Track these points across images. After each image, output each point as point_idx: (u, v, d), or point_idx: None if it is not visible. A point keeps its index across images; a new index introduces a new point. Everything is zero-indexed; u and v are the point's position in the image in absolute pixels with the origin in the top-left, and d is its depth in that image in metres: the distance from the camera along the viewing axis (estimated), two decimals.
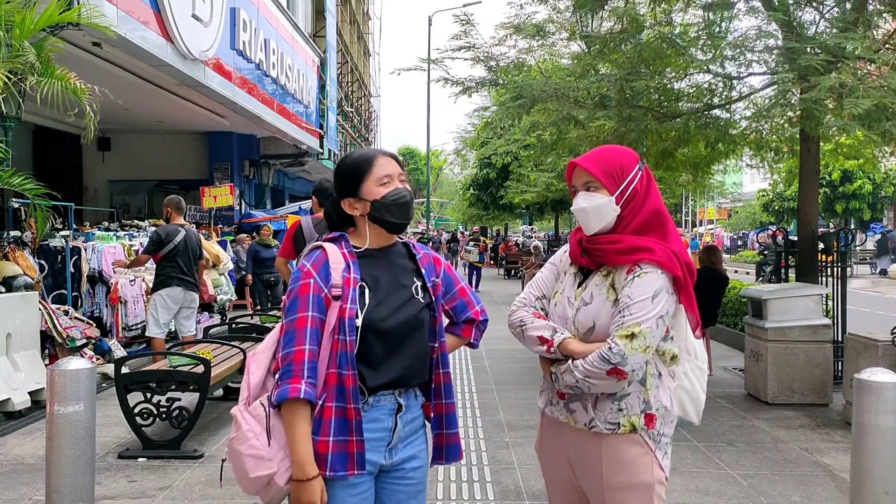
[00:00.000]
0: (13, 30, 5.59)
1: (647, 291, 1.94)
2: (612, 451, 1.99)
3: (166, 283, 6.86)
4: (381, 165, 2.01)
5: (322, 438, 1.88)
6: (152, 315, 6.97)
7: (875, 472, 3.18)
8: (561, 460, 2.14)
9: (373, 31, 36.23)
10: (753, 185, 41.96)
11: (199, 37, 8.90)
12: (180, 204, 7.20)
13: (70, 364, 3.19)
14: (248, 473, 1.88)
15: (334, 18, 19.57)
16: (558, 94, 7.31)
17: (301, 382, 1.84)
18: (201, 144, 14.47)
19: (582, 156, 2.12)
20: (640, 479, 1.99)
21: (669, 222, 2.07)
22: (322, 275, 1.92)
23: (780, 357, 6.30)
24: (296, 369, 1.85)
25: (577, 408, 2.05)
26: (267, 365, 1.99)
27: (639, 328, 1.91)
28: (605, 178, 2.03)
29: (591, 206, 2.04)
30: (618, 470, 1.99)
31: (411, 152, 66.99)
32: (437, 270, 2.14)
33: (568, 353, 2.01)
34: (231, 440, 1.92)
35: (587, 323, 2.02)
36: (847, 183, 30.92)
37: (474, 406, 6.30)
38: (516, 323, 2.15)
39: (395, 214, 2.00)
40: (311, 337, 1.88)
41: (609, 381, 1.93)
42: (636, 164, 2.07)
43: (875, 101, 5.25)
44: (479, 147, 25.15)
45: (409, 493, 2.04)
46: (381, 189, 1.99)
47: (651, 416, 2.01)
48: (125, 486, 4.33)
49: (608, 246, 2.02)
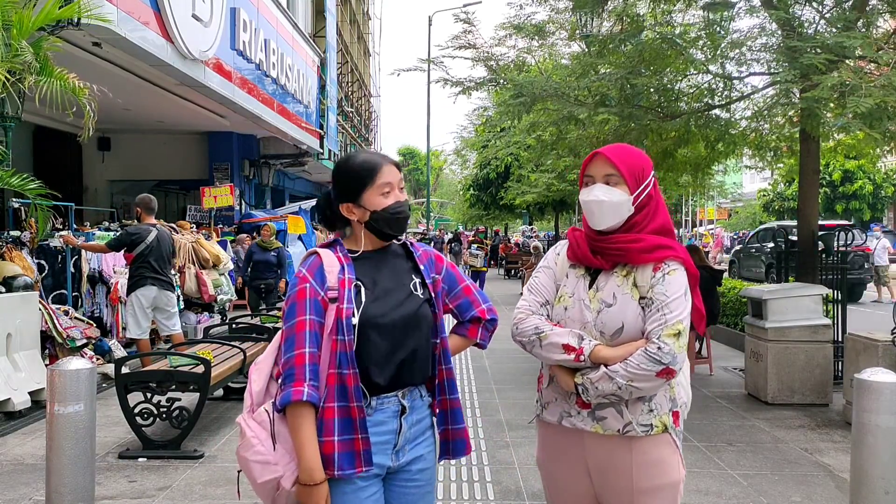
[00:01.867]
0: (11, 29, 5.58)
1: (680, 288, 1.94)
2: (643, 454, 1.97)
3: (141, 283, 6.83)
4: (385, 174, 2.00)
5: (327, 439, 1.87)
6: (131, 316, 6.91)
7: (875, 472, 3.17)
8: (578, 472, 2.07)
9: (373, 31, 36.23)
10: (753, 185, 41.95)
11: (199, 37, 8.90)
12: (150, 203, 7.09)
13: (70, 364, 3.19)
14: (256, 480, 1.89)
15: (334, 18, 19.57)
16: (558, 92, 7.32)
17: (303, 385, 1.85)
18: (201, 144, 14.46)
19: (605, 146, 2.08)
20: (669, 480, 1.98)
21: (674, 235, 2.09)
22: (317, 279, 1.93)
23: (780, 357, 6.30)
24: (297, 373, 1.86)
25: (608, 414, 1.98)
26: (268, 373, 2.00)
27: (682, 325, 1.90)
28: (629, 175, 2.00)
29: (611, 200, 2.00)
30: (649, 472, 1.97)
31: (411, 152, 66.95)
32: (437, 267, 2.13)
33: (601, 359, 1.93)
34: (238, 448, 1.94)
35: (615, 324, 1.96)
36: (847, 183, 30.90)
37: (474, 406, 6.29)
38: (529, 331, 2.03)
39: (392, 227, 2.02)
40: (311, 340, 1.89)
41: (658, 382, 1.90)
42: (652, 170, 2.07)
43: (877, 100, 5.26)
44: (479, 148, 25.14)
45: (418, 495, 2.04)
46: (382, 200, 1.99)
47: (677, 414, 2.02)
48: (125, 486, 4.32)
49: (631, 245, 1.98)
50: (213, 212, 12.56)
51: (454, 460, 2.24)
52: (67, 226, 8.40)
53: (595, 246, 2.05)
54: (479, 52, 8.48)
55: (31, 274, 6.79)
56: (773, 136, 7.69)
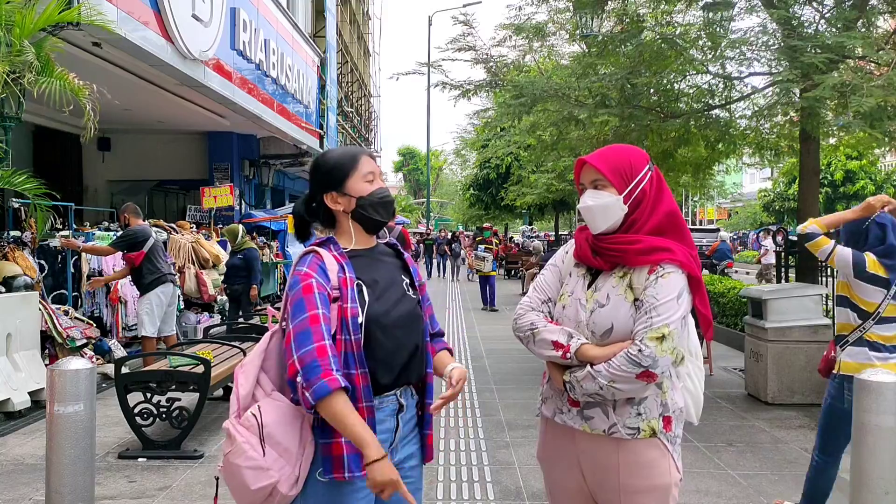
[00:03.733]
0: (13, 29, 5.59)
1: (672, 292, 1.90)
2: (630, 456, 1.95)
3: (161, 281, 6.90)
4: (366, 163, 2.03)
5: (335, 440, 1.85)
6: (147, 314, 6.95)
7: (875, 472, 3.17)
8: (571, 469, 2.08)
9: (373, 31, 36.22)
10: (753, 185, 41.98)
11: (199, 37, 8.90)
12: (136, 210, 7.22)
13: (70, 364, 3.18)
14: (248, 486, 1.83)
15: (334, 18, 19.57)
16: (559, 93, 7.32)
17: (332, 373, 1.79)
18: (201, 144, 14.46)
19: (591, 153, 2.07)
20: (658, 482, 1.97)
21: (684, 224, 2.04)
22: (321, 275, 1.90)
23: (780, 357, 6.30)
24: (323, 364, 1.79)
25: (595, 414, 1.98)
26: (255, 376, 1.95)
27: (668, 329, 1.87)
28: (614, 177, 1.99)
29: (598, 204, 2.00)
30: (636, 474, 1.96)
31: (411, 152, 66.87)
32: (420, 275, 2.18)
33: (586, 358, 1.93)
34: (227, 455, 1.87)
35: (605, 325, 1.96)
36: (849, 183, 30.89)
37: (474, 406, 6.29)
38: (525, 327, 2.05)
39: (380, 213, 2.02)
40: (327, 333, 1.84)
41: (638, 384, 1.88)
42: (646, 164, 2.03)
43: (879, 100, 5.26)
44: (479, 148, 25.13)
45: (410, 492, 2.03)
46: (367, 186, 2.00)
47: (668, 419, 2.00)
48: (125, 486, 4.32)
49: (628, 246, 1.97)
50: (213, 212, 12.55)
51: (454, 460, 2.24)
52: (67, 226, 8.40)
53: (595, 246, 2.05)
54: (478, 53, 8.48)
55: (34, 274, 6.79)
56: (773, 135, 7.69)
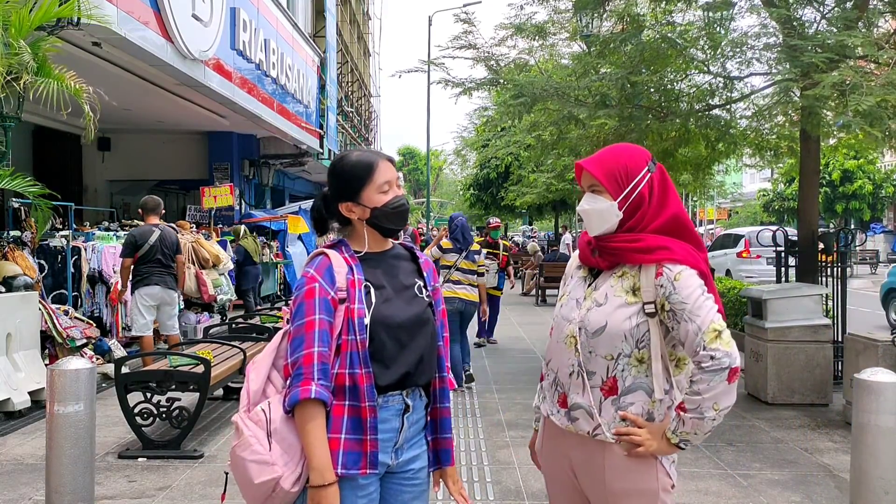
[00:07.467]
0: (9, 28, 5.57)
1: (695, 289, 1.88)
2: (616, 459, 1.95)
3: (144, 282, 6.96)
4: (382, 171, 2.01)
5: (333, 436, 1.86)
6: (134, 314, 7.09)
7: (875, 472, 3.18)
8: (563, 466, 2.09)
9: (373, 31, 36.23)
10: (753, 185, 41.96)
11: (199, 37, 8.90)
12: (149, 203, 7.23)
13: (70, 364, 3.19)
14: (252, 480, 1.84)
15: (334, 18, 19.56)
16: (559, 93, 7.32)
17: (311, 384, 1.82)
18: (201, 144, 14.46)
19: (588, 157, 2.07)
20: (643, 487, 1.95)
21: (692, 227, 2.02)
22: (327, 278, 1.92)
23: (780, 357, 6.29)
24: (305, 372, 1.84)
25: (580, 416, 1.99)
26: (266, 373, 1.97)
27: (716, 322, 1.85)
28: (608, 182, 1.98)
29: (594, 209, 2.01)
30: (621, 477, 1.95)
31: (411, 152, 66.92)
32: (435, 278, 2.16)
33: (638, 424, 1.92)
34: (233, 448, 1.90)
35: (598, 323, 1.94)
36: (847, 183, 30.88)
37: (474, 406, 6.29)
38: None
39: (394, 222, 2.03)
40: (321, 339, 1.86)
41: (732, 387, 1.85)
42: (644, 166, 2.00)
43: (878, 99, 5.25)
44: (479, 148, 25.13)
45: (415, 494, 2.04)
46: (382, 196, 2.00)
47: None
48: (125, 486, 4.32)
49: (627, 244, 1.97)
50: (213, 212, 12.55)
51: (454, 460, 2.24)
52: (67, 226, 8.40)
53: (596, 245, 2.06)
54: (479, 52, 8.47)
55: (33, 274, 6.80)
56: (773, 135, 7.68)
